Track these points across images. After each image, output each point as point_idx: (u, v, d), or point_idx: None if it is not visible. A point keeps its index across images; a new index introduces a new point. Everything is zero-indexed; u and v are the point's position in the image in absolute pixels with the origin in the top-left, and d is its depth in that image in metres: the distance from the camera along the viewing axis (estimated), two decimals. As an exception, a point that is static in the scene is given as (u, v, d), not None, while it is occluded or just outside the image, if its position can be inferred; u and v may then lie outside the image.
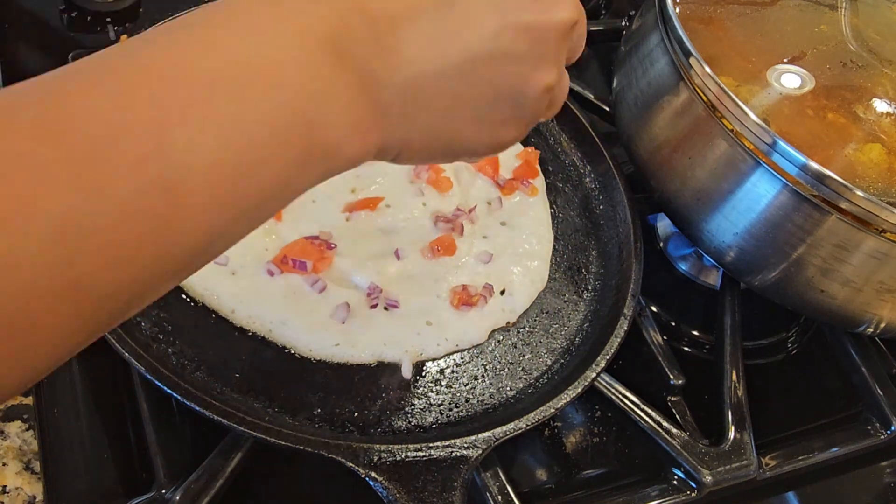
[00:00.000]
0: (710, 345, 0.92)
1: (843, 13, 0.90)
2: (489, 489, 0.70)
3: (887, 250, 0.72)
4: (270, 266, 0.75)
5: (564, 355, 0.79)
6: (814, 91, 0.81)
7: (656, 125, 0.84)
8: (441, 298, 0.79)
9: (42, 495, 0.66)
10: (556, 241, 0.89)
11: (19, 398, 0.73)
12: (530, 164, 0.93)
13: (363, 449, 0.64)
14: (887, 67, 0.84)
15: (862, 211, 0.70)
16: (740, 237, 0.78)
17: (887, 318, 0.79)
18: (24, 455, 0.69)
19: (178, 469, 0.65)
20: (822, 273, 0.75)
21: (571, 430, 0.81)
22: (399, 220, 0.83)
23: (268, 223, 0.78)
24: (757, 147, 0.74)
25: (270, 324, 0.73)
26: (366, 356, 0.74)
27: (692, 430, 0.79)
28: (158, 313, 0.71)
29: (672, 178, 0.83)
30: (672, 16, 0.81)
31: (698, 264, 0.97)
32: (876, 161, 0.77)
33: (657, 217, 1.01)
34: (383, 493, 0.63)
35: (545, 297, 0.84)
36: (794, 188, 0.72)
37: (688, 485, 0.76)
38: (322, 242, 0.78)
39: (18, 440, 0.70)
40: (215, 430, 0.65)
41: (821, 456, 0.83)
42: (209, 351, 0.70)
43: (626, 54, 0.92)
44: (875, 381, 0.88)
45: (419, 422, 0.71)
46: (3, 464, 0.69)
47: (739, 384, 0.82)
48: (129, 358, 0.64)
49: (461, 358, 0.77)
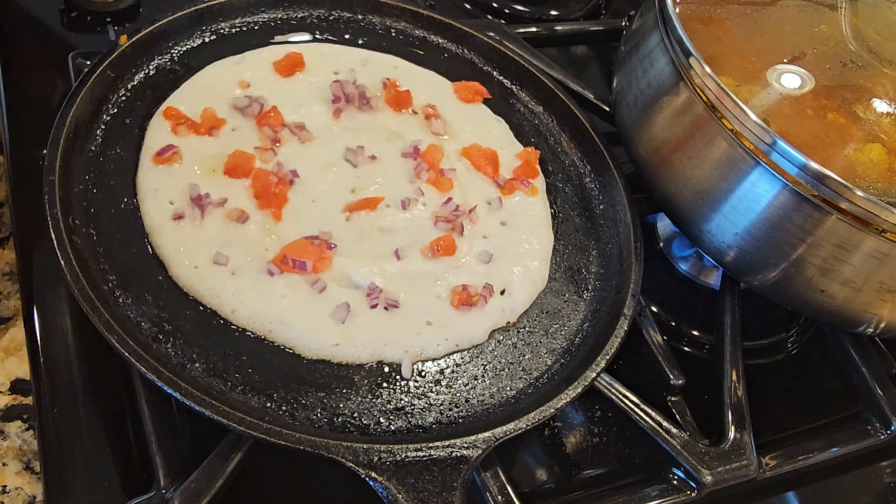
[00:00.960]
0: (710, 345, 0.92)
1: (843, 13, 0.90)
2: (489, 489, 0.70)
3: (887, 250, 0.72)
4: (270, 266, 0.75)
5: (564, 355, 0.79)
6: (814, 91, 0.81)
7: (656, 125, 0.84)
8: (441, 298, 0.79)
9: (42, 495, 0.66)
10: (556, 241, 0.89)
11: (19, 398, 0.73)
12: (530, 164, 0.93)
13: (363, 449, 0.64)
14: (887, 67, 0.84)
15: (862, 211, 0.70)
16: (740, 237, 0.78)
17: (887, 318, 0.79)
18: (24, 455, 0.69)
19: (178, 469, 0.65)
20: (822, 273, 0.75)
21: (571, 430, 0.81)
22: (399, 220, 0.83)
23: (268, 223, 0.79)
24: (757, 147, 0.74)
25: (270, 324, 0.73)
26: (366, 356, 0.74)
27: (692, 430, 0.79)
28: (158, 313, 0.71)
29: (672, 178, 0.83)
30: (672, 16, 0.81)
31: (698, 264, 0.97)
32: (876, 161, 0.77)
33: (657, 217, 1.01)
34: (383, 493, 0.63)
35: (545, 298, 0.84)
36: (794, 188, 0.72)
37: (688, 485, 0.76)
38: (322, 242, 0.78)
39: (18, 440, 0.70)
40: (215, 430, 0.65)
41: (821, 456, 0.83)
42: (209, 351, 0.70)
43: (626, 54, 0.92)
44: (875, 381, 0.88)
45: (419, 422, 0.71)
46: (3, 464, 0.69)
47: (739, 384, 0.82)
48: (129, 358, 0.64)
49: (461, 358, 0.77)
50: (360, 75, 0.94)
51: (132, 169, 0.80)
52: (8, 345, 0.76)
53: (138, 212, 0.77)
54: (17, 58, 0.95)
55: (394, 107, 0.93)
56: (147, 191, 0.78)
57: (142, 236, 0.75)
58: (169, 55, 0.90)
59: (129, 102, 0.84)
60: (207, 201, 0.77)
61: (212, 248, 0.75)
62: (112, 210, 0.76)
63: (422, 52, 1.01)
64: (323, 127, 0.89)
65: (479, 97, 0.98)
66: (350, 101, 0.91)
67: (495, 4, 1.22)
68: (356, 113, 0.91)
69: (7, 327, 0.77)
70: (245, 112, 0.86)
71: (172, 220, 0.76)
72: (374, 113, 0.92)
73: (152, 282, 0.73)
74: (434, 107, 0.94)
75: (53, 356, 0.72)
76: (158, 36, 0.89)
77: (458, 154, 0.92)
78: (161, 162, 0.80)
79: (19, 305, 0.77)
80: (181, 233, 0.76)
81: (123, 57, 0.85)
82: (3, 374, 0.74)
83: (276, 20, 0.97)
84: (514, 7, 1.23)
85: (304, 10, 0.99)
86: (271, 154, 0.84)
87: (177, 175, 0.80)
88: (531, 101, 1.01)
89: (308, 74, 0.93)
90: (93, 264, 0.71)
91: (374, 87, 0.93)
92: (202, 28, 0.93)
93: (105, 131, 0.81)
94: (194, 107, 0.85)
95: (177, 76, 0.88)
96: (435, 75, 0.99)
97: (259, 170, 0.82)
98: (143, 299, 0.71)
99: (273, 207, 0.80)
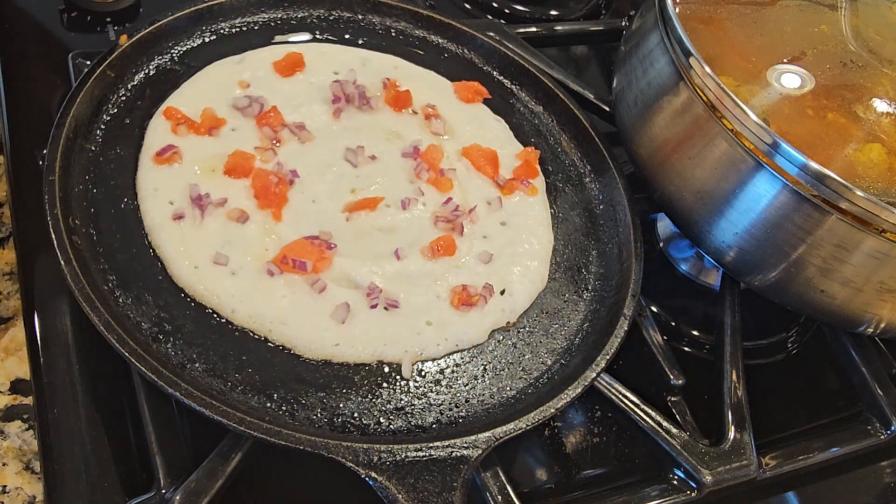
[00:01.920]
0: (710, 345, 0.92)
1: (843, 13, 0.90)
2: (489, 489, 0.70)
3: (887, 250, 0.72)
4: (270, 266, 0.75)
5: (564, 355, 0.79)
6: (814, 91, 0.81)
7: (656, 125, 0.84)
8: (441, 298, 0.79)
9: (42, 495, 0.66)
10: (556, 241, 0.89)
11: (19, 398, 0.73)
12: (530, 164, 0.93)
13: (363, 449, 0.64)
14: (887, 67, 0.84)
15: (862, 211, 0.70)
16: (740, 237, 0.78)
17: (887, 318, 0.79)
18: (24, 455, 0.69)
19: (178, 469, 0.65)
20: (822, 273, 0.75)
21: (571, 430, 0.81)
22: (399, 220, 0.83)
23: (268, 223, 0.79)
24: (757, 147, 0.74)
25: (270, 324, 0.73)
26: (366, 356, 0.74)
27: (692, 430, 0.79)
28: (158, 313, 0.71)
29: (672, 178, 0.83)
30: (672, 16, 0.81)
31: (698, 265, 0.97)
32: (876, 161, 0.77)
33: (657, 217, 1.01)
34: (383, 493, 0.63)
35: (545, 297, 0.84)
36: (794, 188, 0.72)
37: (688, 485, 0.76)
38: (322, 242, 0.78)
39: (18, 440, 0.70)
40: (215, 430, 0.65)
41: (821, 456, 0.83)
42: (209, 351, 0.70)
43: (626, 54, 0.92)
44: (875, 381, 0.88)
45: (419, 422, 0.71)
46: (3, 464, 0.69)
47: (739, 384, 0.82)
48: (129, 358, 0.64)
49: (461, 358, 0.77)
50: (360, 75, 0.94)
51: (132, 169, 0.80)
52: (8, 345, 0.76)
53: (138, 212, 0.77)
54: (16, 58, 0.95)
55: (394, 107, 0.93)
56: (147, 191, 0.78)
57: (142, 236, 0.75)
58: (169, 55, 0.90)
59: (129, 102, 0.84)
60: (207, 201, 0.77)
61: (212, 248, 0.75)
62: (112, 210, 0.76)
63: (422, 52, 1.01)
64: (323, 127, 0.89)
65: (479, 97, 0.98)
66: (350, 101, 0.91)
67: (495, 4, 1.22)
68: (356, 113, 0.91)
69: (7, 327, 0.77)
70: (245, 112, 0.86)
71: (172, 220, 0.76)
72: (374, 113, 0.92)
73: (152, 282, 0.73)
74: (434, 107, 0.94)
75: (53, 356, 0.72)
76: (158, 36, 0.89)
77: (458, 154, 0.92)
78: (161, 162, 0.80)
79: (19, 305, 0.77)
80: (181, 233, 0.76)
81: (123, 57, 0.85)
82: (3, 374, 0.74)
83: (276, 20, 0.98)
84: (514, 7, 1.23)
85: (304, 10, 0.99)
86: (271, 154, 0.84)
87: (177, 175, 0.80)
88: (531, 101, 1.01)
89: (308, 74, 0.93)
90: (93, 264, 0.71)
91: (374, 87, 0.93)
92: (202, 28, 0.93)
93: (105, 131, 0.81)
94: (194, 107, 0.85)
95: (177, 76, 0.88)
96: (435, 75, 0.99)
97: (259, 170, 0.82)
98: (143, 299, 0.71)
99: (273, 207, 0.80)
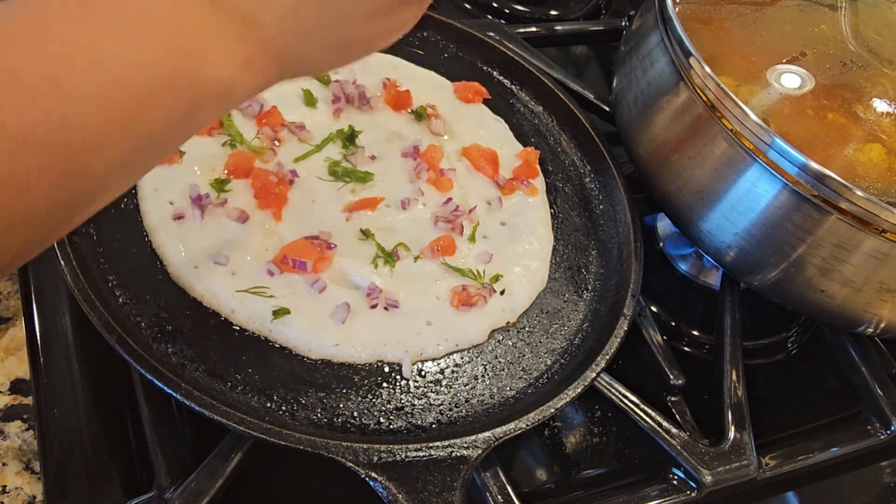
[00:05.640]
0: (710, 345, 0.92)
1: (843, 13, 0.90)
2: (489, 489, 0.70)
3: (887, 250, 0.72)
4: (270, 266, 0.75)
5: (564, 355, 0.79)
6: (814, 91, 0.81)
7: (656, 125, 0.84)
8: (441, 298, 0.79)
9: (42, 495, 0.66)
10: (556, 241, 0.89)
11: (19, 398, 0.73)
12: (530, 164, 0.93)
13: (363, 449, 0.64)
14: (887, 67, 0.84)
15: (862, 211, 0.70)
16: (740, 237, 0.78)
17: (887, 318, 0.79)
18: (24, 455, 0.69)
19: (178, 469, 0.65)
20: (822, 273, 0.75)
21: (571, 430, 0.81)
22: (399, 221, 0.83)
23: (268, 223, 0.79)
24: (757, 147, 0.74)
25: (270, 324, 0.73)
26: (366, 356, 0.74)
27: (692, 430, 0.79)
28: (158, 313, 0.71)
29: (672, 178, 0.83)
30: (672, 16, 0.81)
31: (698, 264, 0.97)
32: (876, 161, 0.77)
33: (657, 217, 1.01)
34: (383, 493, 0.63)
35: (545, 297, 0.84)
36: (793, 188, 0.73)
37: (688, 485, 0.76)
38: (322, 242, 0.78)
39: (18, 440, 0.70)
40: (215, 430, 0.65)
41: (821, 456, 0.83)
42: (209, 351, 0.70)
43: (626, 54, 0.92)
44: (875, 381, 0.88)
45: (419, 422, 0.71)
46: (3, 464, 0.69)
47: (739, 384, 0.82)
48: (129, 358, 0.64)
49: (461, 358, 0.77)
50: (360, 75, 0.94)
51: (132, 169, 0.80)
52: (8, 345, 0.76)
53: (138, 211, 0.77)
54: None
55: (394, 107, 0.93)
56: (147, 191, 0.78)
57: (142, 236, 0.75)
58: (169, 55, 0.90)
59: (129, 102, 0.84)
60: (207, 201, 0.77)
61: (212, 247, 0.75)
62: (112, 210, 0.76)
63: (422, 52, 1.01)
64: (323, 127, 0.89)
65: (479, 97, 0.98)
66: (350, 101, 0.91)
67: (495, 4, 1.22)
68: (356, 113, 0.91)
69: (7, 327, 0.77)
70: (245, 112, 0.86)
71: (172, 220, 0.76)
72: (374, 113, 0.92)
73: (152, 282, 0.73)
74: (434, 107, 0.94)
75: (53, 356, 0.72)
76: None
77: (458, 154, 0.92)
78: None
79: (19, 305, 0.77)
80: (181, 233, 0.76)
81: (123, 57, 0.85)
82: (3, 374, 0.74)
83: (276, 20, 0.97)
84: (514, 7, 1.23)
85: (304, 10, 0.99)
86: (271, 154, 0.84)
87: (177, 175, 0.80)
88: (531, 101, 1.01)
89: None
90: (93, 264, 0.71)
91: (374, 87, 0.93)
92: (202, 28, 0.93)
93: (105, 131, 0.81)
94: (194, 107, 0.85)
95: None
96: (435, 75, 0.99)
97: (259, 170, 0.82)
98: (143, 299, 0.71)
99: (273, 207, 0.80)
